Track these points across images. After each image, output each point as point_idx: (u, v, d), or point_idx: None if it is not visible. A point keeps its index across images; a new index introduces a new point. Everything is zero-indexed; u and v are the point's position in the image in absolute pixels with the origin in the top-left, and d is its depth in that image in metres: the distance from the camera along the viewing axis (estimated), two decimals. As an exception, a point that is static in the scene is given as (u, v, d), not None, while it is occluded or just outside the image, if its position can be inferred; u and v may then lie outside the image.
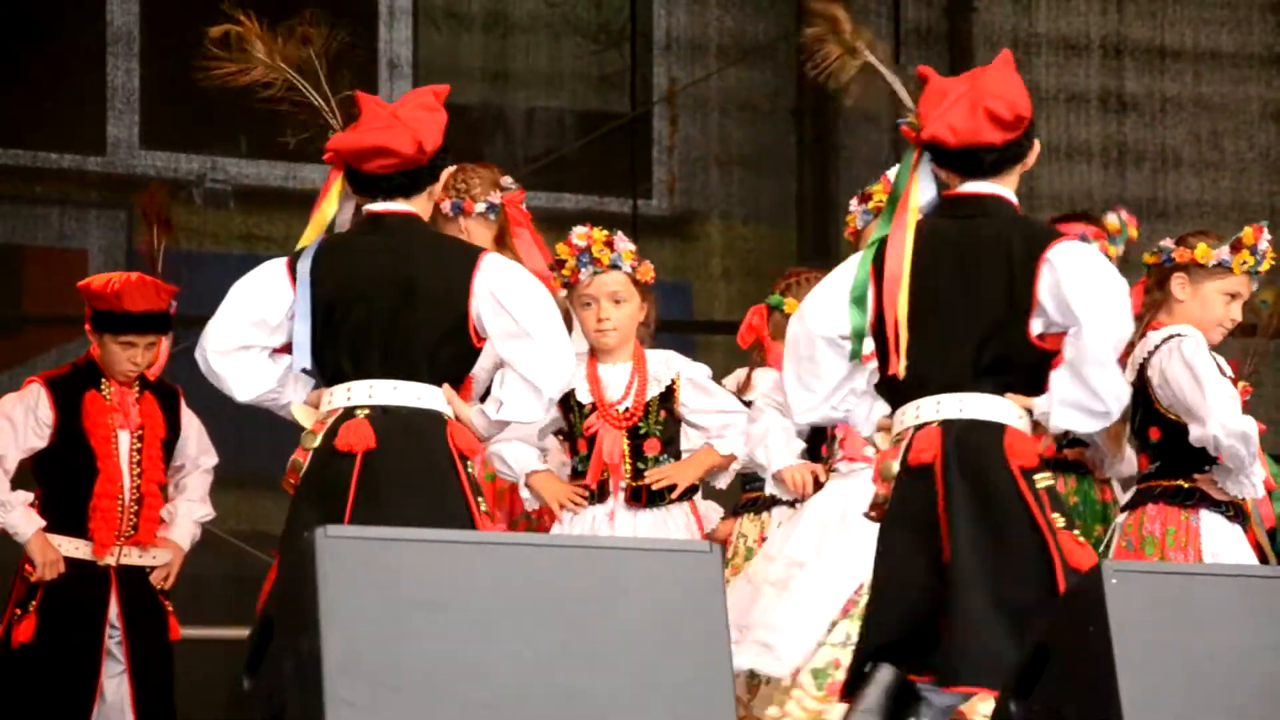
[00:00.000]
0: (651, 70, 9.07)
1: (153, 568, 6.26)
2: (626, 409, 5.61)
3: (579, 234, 5.62)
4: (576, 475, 5.62)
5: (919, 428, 4.49)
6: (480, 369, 5.06)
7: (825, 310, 4.58)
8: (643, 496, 5.59)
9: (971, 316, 4.52)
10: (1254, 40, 9.14)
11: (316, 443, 4.68)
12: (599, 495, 5.58)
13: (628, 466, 5.59)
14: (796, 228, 9.15)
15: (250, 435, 5.97)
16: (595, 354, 5.65)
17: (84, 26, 8.50)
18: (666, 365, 5.69)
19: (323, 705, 3.34)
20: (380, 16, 8.86)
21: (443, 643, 3.45)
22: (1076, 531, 4.45)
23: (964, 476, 4.43)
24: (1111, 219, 6.18)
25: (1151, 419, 5.52)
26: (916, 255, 4.53)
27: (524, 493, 5.65)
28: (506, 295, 4.80)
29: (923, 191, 4.63)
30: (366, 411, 4.69)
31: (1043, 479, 4.47)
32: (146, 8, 8.54)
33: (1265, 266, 5.67)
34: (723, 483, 5.80)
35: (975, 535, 4.36)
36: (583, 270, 5.57)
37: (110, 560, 6.19)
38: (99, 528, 6.16)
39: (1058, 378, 4.49)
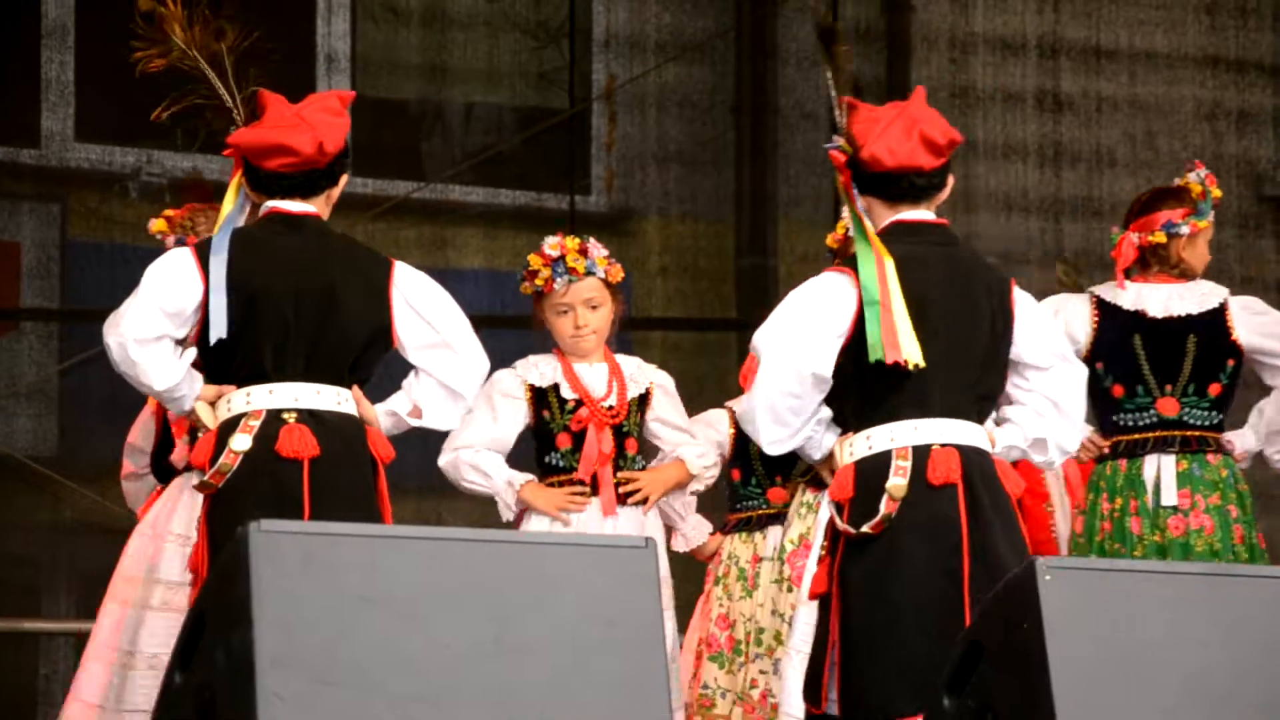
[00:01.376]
0: (591, 67, 9.06)
1: None
2: (611, 406, 5.68)
3: (551, 244, 5.69)
4: (555, 471, 5.65)
5: (929, 448, 4.55)
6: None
7: (812, 347, 4.59)
8: (620, 495, 5.68)
9: (970, 346, 4.60)
10: (1188, 41, 9.20)
11: (247, 445, 4.65)
12: (591, 490, 5.65)
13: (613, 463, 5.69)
14: (735, 225, 9.16)
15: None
16: (565, 354, 5.74)
17: (18, 18, 8.44)
18: (640, 369, 5.79)
19: (254, 699, 3.32)
20: (318, 10, 8.82)
21: (376, 637, 3.44)
22: None
23: (990, 500, 4.52)
24: (1193, 179, 6.20)
25: None
26: (907, 281, 4.58)
27: (504, 501, 5.64)
28: (423, 304, 4.89)
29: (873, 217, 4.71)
30: (295, 415, 4.70)
31: None
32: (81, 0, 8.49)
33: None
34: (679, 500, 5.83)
35: (1009, 557, 4.45)
36: (557, 280, 5.66)
37: None
38: None
39: (1029, 414, 4.62)
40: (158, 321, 4.73)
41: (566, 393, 5.67)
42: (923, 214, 4.72)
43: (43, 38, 8.47)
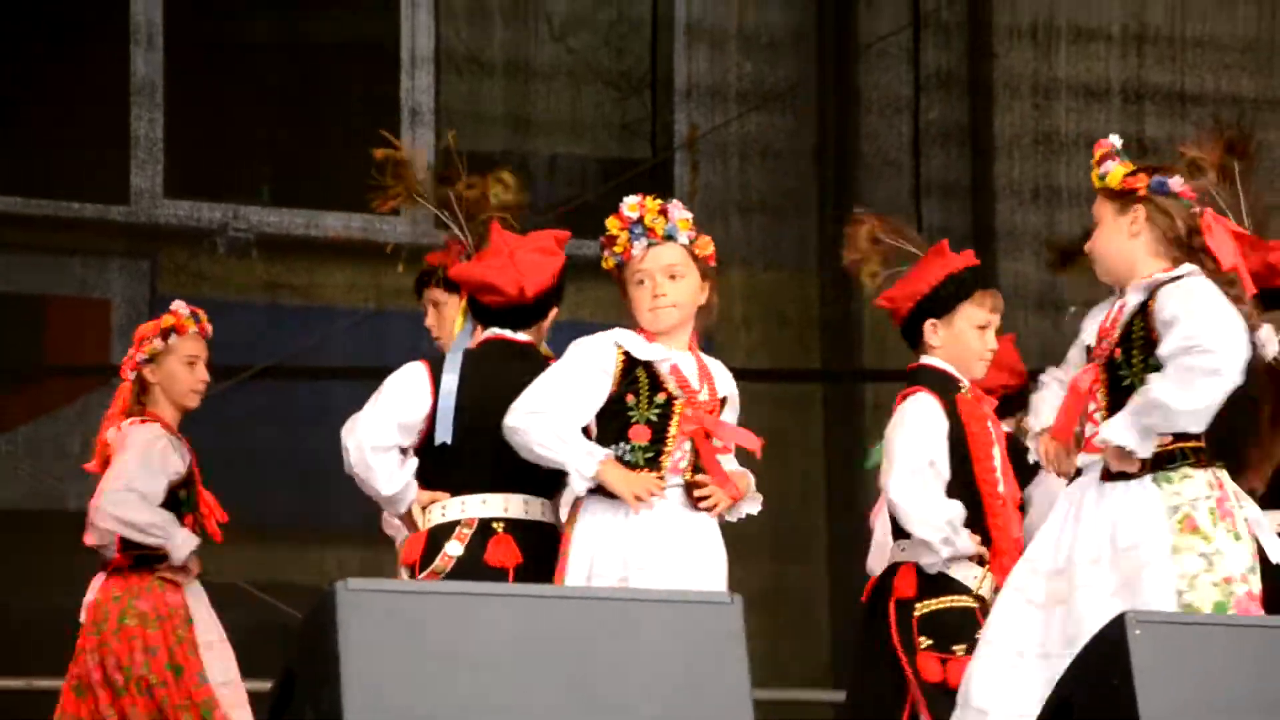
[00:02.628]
0: (673, 117, 9.09)
1: None
2: (705, 402, 5.06)
3: (630, 204, 5.14)
4: (624, 464, 4.94)
5: None
6: None
7: None
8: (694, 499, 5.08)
9: None
10: (1275, 85, 9.15)
11: (459, 552, 4.98)
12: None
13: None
14: (818, 273, 9.15)
15: (269, 485, 5.97)
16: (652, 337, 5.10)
17: (107, 75, 8.54)
18: (723, 371, 5.21)
19: (344, 759, 3.33)
20: (402, 64, 8.89)
21: (462, 695, 3.45)
22: None
23: None
24: None
25: None
26: None
27: (581, 473, 4.92)
28: None
29: None
30: (502, 525, 5.05)
31: None
32: (170, 57, 8.58)
33: None
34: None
35: None
36: (635, 244, 5.07)
37: None
38: None
39: None
40: (391, 432, 5.11)
41: (666, 378, 4.98)
42: None
43: (131, 95, 8.58)
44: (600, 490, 4.94)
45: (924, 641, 5.14)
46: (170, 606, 6.08)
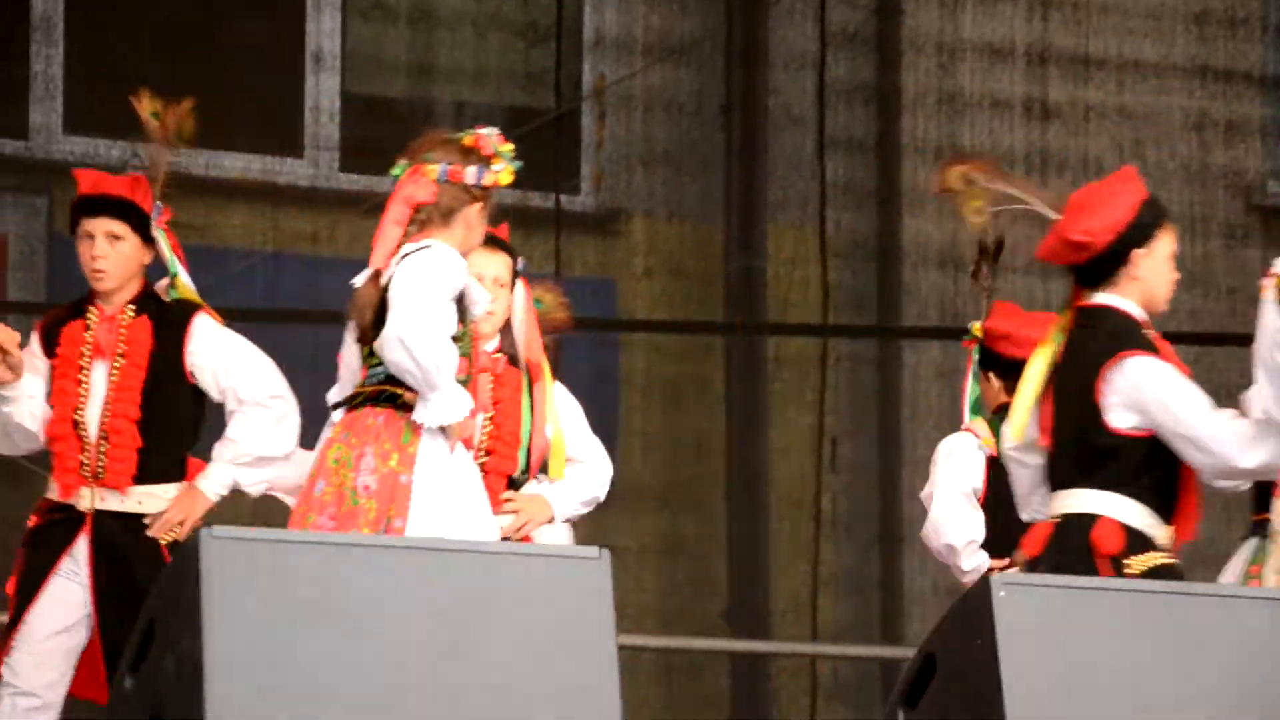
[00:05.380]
0: (579, 67, 9.07)
1: (147, 515, 5.41)
2: None
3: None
4: None
5: None
6: None
7: None
8: None
9: None
10: (1177, 51, 9.19)
11: None
12: None
13: None
14: (723, 226, 9.16)
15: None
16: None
17: (5, 11, 8.45)
18: None
19: (203, 705, 3.33)
20: (306, 7, 8.83)
21: (325, 644, 3.45)
22: None
23: None
24: None
25: None
26: None
27: None
28: None
29: None
30: None
31: None
32: (70, -7, 8.50)
33: None
34: None
35: None
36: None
37: (83, 505, 5.43)
38: (59, 467, 5.47)
39: None
40: None
41: None
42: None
43: (31, 31, 8.48)
44: None
45: None
46: None
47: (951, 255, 9.07)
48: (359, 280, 4.99)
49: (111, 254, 5.48)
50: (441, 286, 4.83)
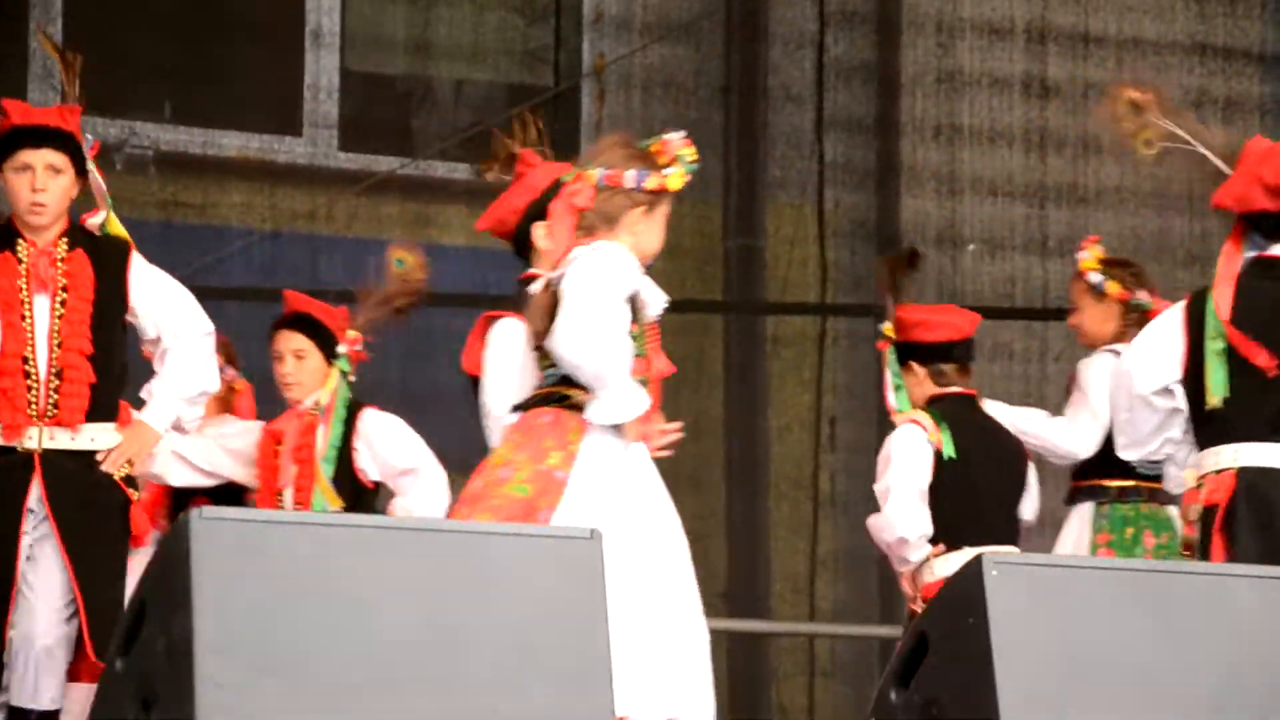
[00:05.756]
0: (578, 45, 9.06)
1: (100, 451, 5.28)
2: None
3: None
4: None
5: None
6: None
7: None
8: None
9: None
10: (1176, 29, 9.18)
11: None
12: None
13: None
14: (722, 206, 9.15)
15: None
16: None
17: (3, -9, 8.46)
18: None
19: (194, 686, 3.34)
20: (306, -14, 8.83)
21: (317, 625, 3.46)
22: None
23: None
24: None
25: None
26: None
27: None
28: None
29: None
30: None
31: None
32: (69, -29, 8.50)
33: None
34: None
35: None
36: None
37: (30, 444, 5.25)
38: (4, 406, 5.25)
39: None
40: None
41: None
42: None
43: (29, 9, 8.48)
44: None
45: None
46: None
47: (950, 235, 9.07)
48: (534, 288, 4.95)
49: (52, 186, 5.30)
50: (611, 286, 4.77)
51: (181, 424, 5.41)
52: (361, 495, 6.03)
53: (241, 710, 3.38)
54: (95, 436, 5.27)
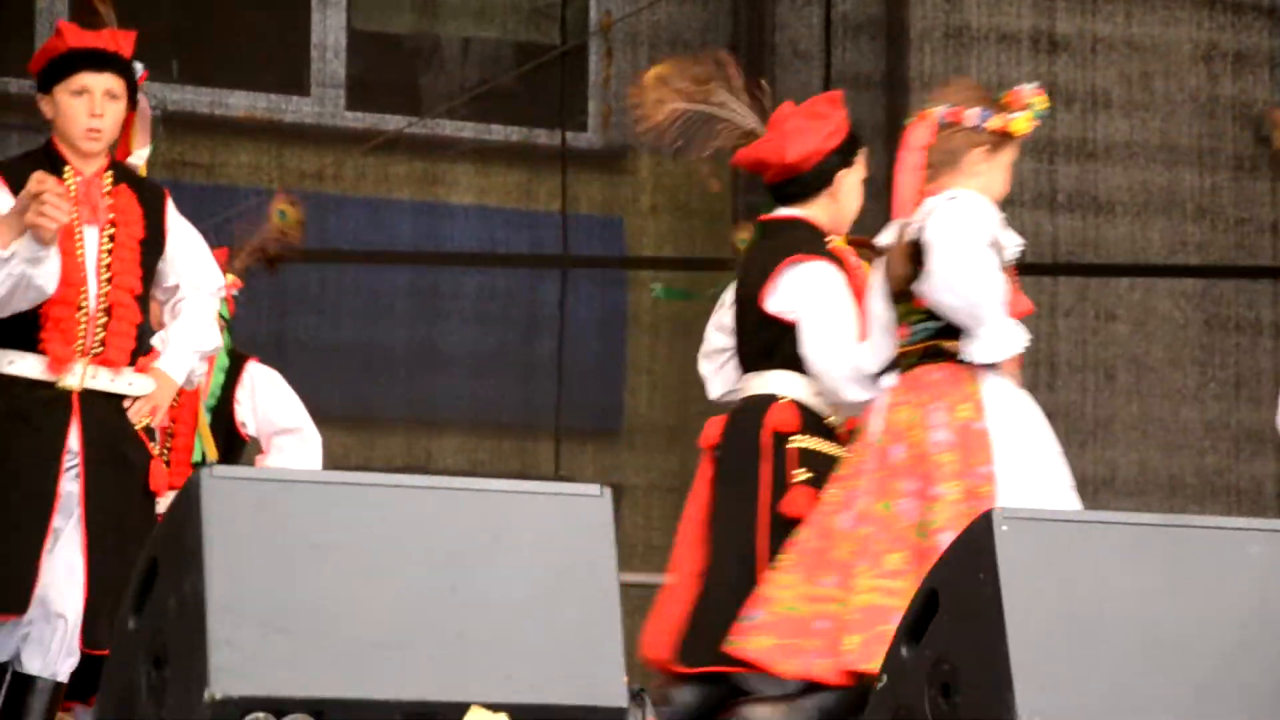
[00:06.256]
0: (587, 3, 9.02)
1: (131, 398, 5.03)
2: None
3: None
4: None
5: None
6: None
7: None
8: None
9: None
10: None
11: None
12: None
13: None
14: (728, 163, 9.13)
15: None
16: None
17: (8, -51, 8.43)
18: None
19: (205, 645, 3.34)
20: (312, -55, 8.80)
21: (329, 584, 3.46)
22: None
23: None
24: None
25: None
26: None
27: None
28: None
29: None
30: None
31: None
32: (73, -70, 8.47)
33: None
34: None
35: None
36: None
37: (72, 381, 4.96)
38: (53, 339, 4.96)
39: None
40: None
41: None
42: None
43: (35, -31, 8.47)
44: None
45: None
46: None
47: (958, 189, 9.04)
48: (884, 239, 4.98)
49: (110, 112, 5.09)
50: (978, 229, 4.81)
51: (191, 378, 5.22)
52: (234, 447, 5.77)
53: (253, 669, 3.38)
54: (133, 381, 5.03)
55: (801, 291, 5.15)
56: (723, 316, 5.40)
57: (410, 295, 8.70)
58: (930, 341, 4.86)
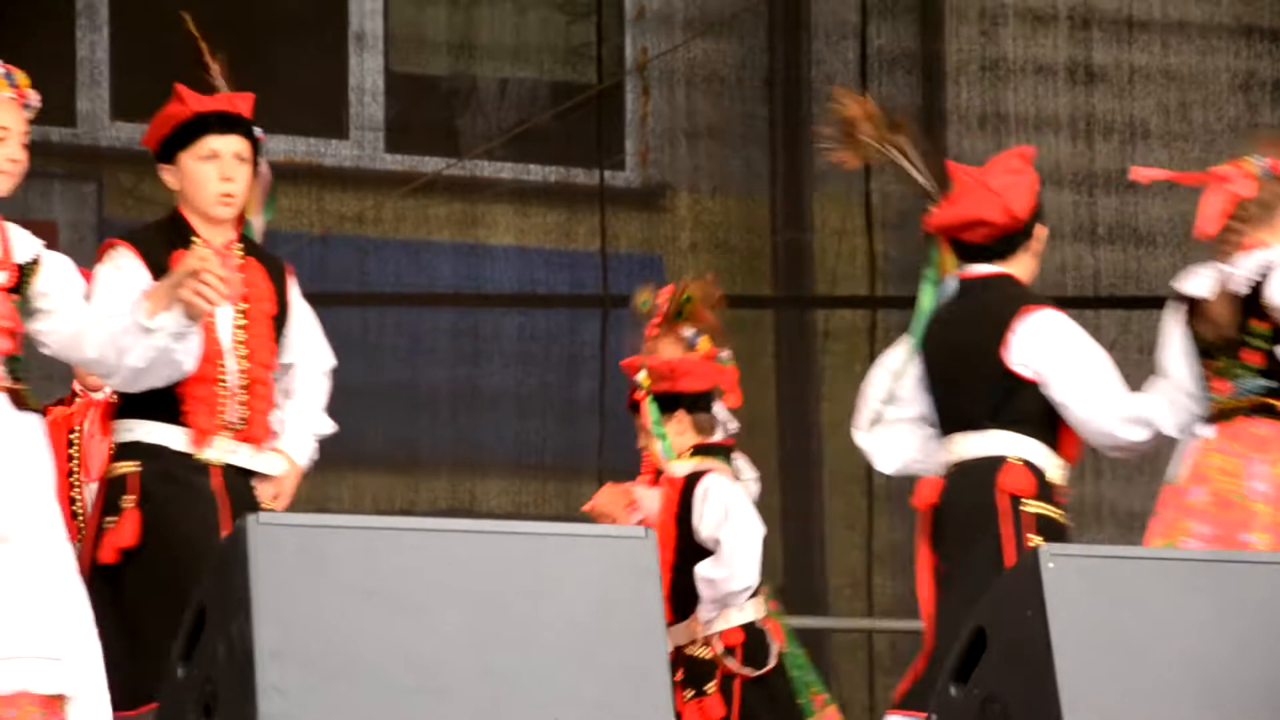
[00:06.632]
0: (621, 41, 9.06)
1: (264, 476, 4.87)
2: None
3: None
4: None
5: None
6: None
7: None
8: None
9: None
10: (1222, 11, 9.14)
11: None
12: None
13: None
14: (769, 200, 9.15)
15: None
16: None
17: (49, -1, 8.50)
18: None
19: (255, 692, 3.35)
20: (349, -12, 8.85)
21: (375, 629, 3.47)
22: None
23: None
24: None
25: None
26: None
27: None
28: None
29: None
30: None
31: None
32: (114, -21, 8.54)
33: None
34: None
35: None
36: None
37: (212, 456, 4.81)
38: (197, 412, 4.80)
39: None
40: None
41: None
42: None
43: (76, 18, 8.52)
44: None
45: None
46: None
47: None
48: (1195, 290, 4.94)
49: (239, 176, 4.87)
50: None
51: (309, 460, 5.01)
52: None
53: (302, 715, 3.39)
54: (270, 460, 4.89)
55: (1043, 342, 5.03)
56: (899, 389, 5.28)
57: (452, 336, 8.72)
58: (1260, 399, 4.83)
